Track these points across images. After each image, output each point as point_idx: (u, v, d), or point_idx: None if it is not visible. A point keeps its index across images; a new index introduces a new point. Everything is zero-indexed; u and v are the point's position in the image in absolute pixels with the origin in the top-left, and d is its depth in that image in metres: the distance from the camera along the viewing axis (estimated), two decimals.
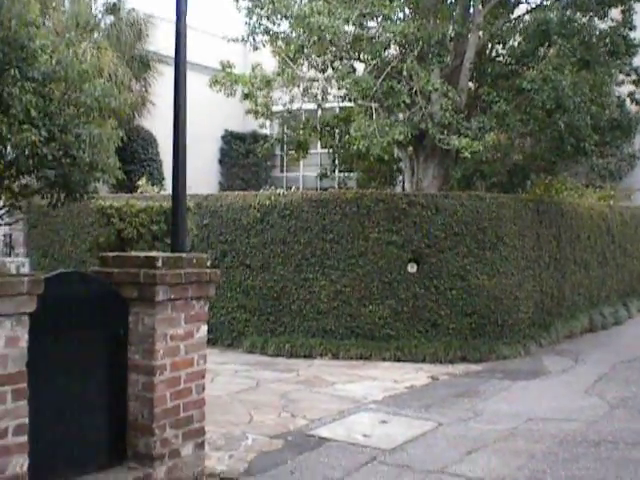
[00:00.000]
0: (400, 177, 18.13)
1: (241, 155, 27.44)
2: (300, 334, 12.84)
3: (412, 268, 12.59)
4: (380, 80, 12.87)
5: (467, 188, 14.72)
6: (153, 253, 6.08)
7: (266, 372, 11.38)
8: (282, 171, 28.70)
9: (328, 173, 17.35)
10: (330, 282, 12.70)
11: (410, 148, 15.42)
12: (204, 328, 6.48)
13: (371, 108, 13.54)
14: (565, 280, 15.42)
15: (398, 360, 12.20)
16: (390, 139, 12.56)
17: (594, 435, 8.06)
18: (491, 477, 6.71)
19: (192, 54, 23.11)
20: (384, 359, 12.24)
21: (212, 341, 13.31)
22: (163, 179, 23.68)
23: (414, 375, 11.27)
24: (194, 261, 6.28)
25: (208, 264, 6.54)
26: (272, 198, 13.18)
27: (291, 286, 12.96)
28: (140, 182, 16.50)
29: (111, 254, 6.19)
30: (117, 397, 5.90)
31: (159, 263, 5.86)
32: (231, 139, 27.84)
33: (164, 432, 5.96)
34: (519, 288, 13.42)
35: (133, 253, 6.59)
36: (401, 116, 14.18)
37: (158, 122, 23.49)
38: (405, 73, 13.39)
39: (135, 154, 23.83)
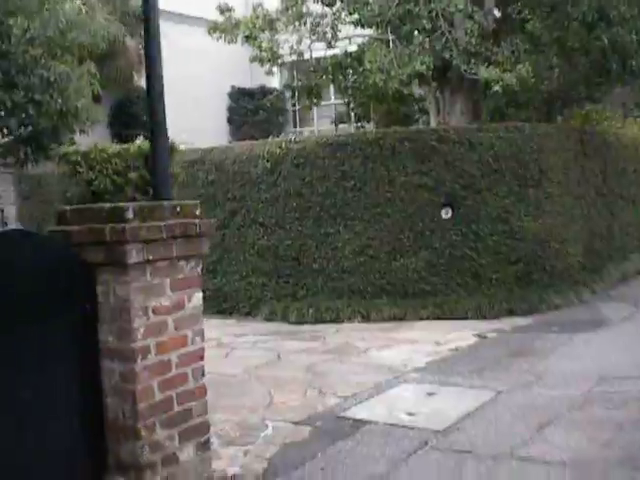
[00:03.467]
0: (423, 118, 16.57)
1: (250, 112, 25.82)
2: (324, 296, 11.42)
3: (446, 214, 11.11)
4: (396, 3, 11.30)
5: (501, 121, 13.13)
6: (123, 203, 4.67)
7: (289, 342, 9.98)
8: (295, 126, 27.10)
9: (344, 119, 15.84)
10: (354, 236, 11.25)
11: (433, 84, 13.87)
12: (198, 295, 5.03)
13: (387, 39, 12.06)
14: (614, 218, 13.91)
15: (437, 318, 10.77)
16: (410, 71, 11.06)
17: None
18: (576, 460, 5.28)
19: (191, 6, 21.55)
20: (421, 318, 10.82)
21: (228, 311, 12.13)
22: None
23: (458, 334, 9.83)
24: (178, 210, 4.83)
25: (197, 213, 5.09)
26: (283, 145, 11.70)
27: (310, 243, 11.52)
28: (138, 141, 14.98)
29: (69, 207, 4.76)
30: (89, 392, 4.51)
31: (129, 214, 4.42)
32: (239, 96, 26.19)
33: (153, 433, 4.56)
34: (567, 229, 11.92)
35: (97, 205, 5.16)
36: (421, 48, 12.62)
37: None
38: None
39: (137, 117, 22.30)
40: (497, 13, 13.66)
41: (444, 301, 10.89)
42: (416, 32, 11.04)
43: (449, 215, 11.10)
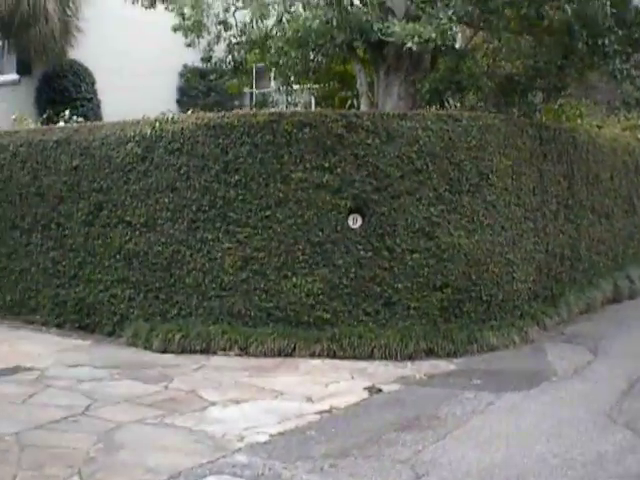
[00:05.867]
0: None
1: (201, 94, 23.37)
2: (198, 319, 8.96)
3: (354, 222, 8.67)
4: None
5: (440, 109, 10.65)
6: None
7: (124, 382, 7.54)
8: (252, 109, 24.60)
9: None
10: (237, 244, 8.79)
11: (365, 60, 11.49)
12: None
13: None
14: (580, 235, 11.42)
15: (334, 356, 8.34)
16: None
17: None
18: None
19: None
20: (313, 355, 8.37)
21: (91, 327, 9.73)
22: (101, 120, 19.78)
23: (345, 385, 7.41)
24: None
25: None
26: (157, 126, 9.23)
27: (184, 251, 9.06)
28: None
29: None
30: None
31: None
32: (190, 76, 23.73)
33: None
34: (513, 248, 9.47)
35: None
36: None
37: (93, 53, 19.63)
38: None
39: (65, 93, 19.82)
40: None
41: (345, 334, 8.42)
42: None
43: (358, 224, 8.65)
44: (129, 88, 20.85)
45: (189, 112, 10.56)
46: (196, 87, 23.81)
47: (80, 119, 12.30)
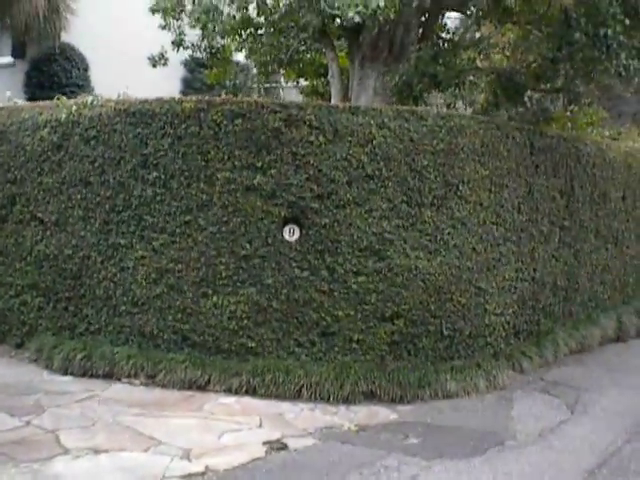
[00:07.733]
0: None
1: (205, 86, 22.18)
2: (107, 337, 7.64)
3: (291, 234, 7.26)
4: None
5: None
6: None
7: None
8: None
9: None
10: (152, 253, 7.43)
11: (337, 42, 10.18)
12: None
13: None
14: (579, 261, 9.89)
15: (254, 393, 6.97)
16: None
17: None
18: None
19: None
20: (229, 390, 7.01)
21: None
22: None
23: (245, 435, 6.02)
24: None
25: None
26: (73, 110, 7.91)
27: (95, 257, 7.73)
28: None
29: None
30: None
31: None
32: (195, 66, 22.56)
33: None
34: (487, 274, 7.99)
35: None
36: None
37: (87, 39, 18.52)
38: None
39: (54, 78, 18.72)
40: None
41: (270, 367, 7.02)
42: None
43: (294, 237, 7.24)
44: (128, 77, 19.63)
45: None
46: (200, 79, 22.64)
47: (20, 102, 10.99)
